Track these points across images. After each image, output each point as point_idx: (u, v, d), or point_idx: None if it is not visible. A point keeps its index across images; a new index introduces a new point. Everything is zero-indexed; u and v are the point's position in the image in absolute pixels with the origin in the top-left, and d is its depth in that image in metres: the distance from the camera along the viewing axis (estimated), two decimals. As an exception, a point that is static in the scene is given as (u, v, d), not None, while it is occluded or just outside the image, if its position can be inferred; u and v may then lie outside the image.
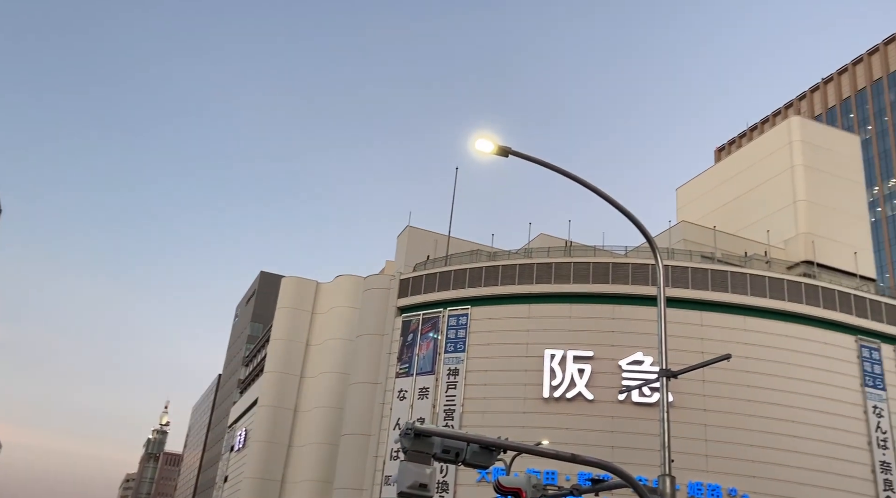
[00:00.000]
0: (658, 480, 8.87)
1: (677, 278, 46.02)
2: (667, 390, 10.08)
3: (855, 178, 61.94)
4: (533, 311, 46.88)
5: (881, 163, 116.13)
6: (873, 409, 45.09)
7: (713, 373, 42.82)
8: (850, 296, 47.93)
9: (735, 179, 65.07)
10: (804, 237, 55.76)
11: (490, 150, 12.08)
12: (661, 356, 10.33)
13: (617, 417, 42.59)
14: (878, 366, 46.51)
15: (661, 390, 10.18)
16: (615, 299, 45.97)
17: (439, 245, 55.24)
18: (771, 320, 45.72)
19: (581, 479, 38.25)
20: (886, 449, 44.23)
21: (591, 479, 9.51)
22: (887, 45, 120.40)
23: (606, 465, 8.82)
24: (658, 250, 11.32)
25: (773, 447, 42.34)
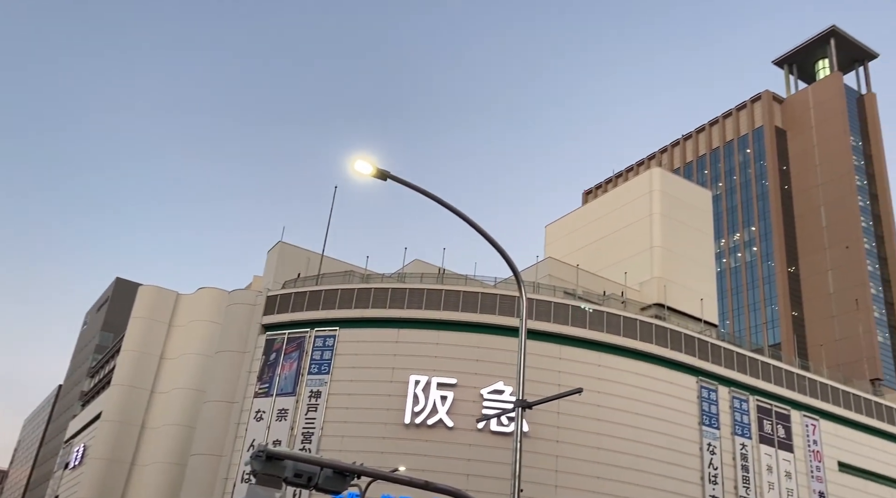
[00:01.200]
0: (506, 509, 9.08)
1: (541, 312, 47.69)
2: (521, 420, 10.38)
3: (705, 230, 67.05)
4: (402, 336, 46.96)
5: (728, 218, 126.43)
6: (708, 446, 48.44)
7: (567, 405, 44.53)
8: (695, 339, 51.51)
9: (599, 222, 68.70)
10: (657, 281, 59.54)
11: (369, 173, 12.12)
12: (518, 387, 10.65)
13: (475, 446, 43.24)
14: (715, 406, 50.15)
15: (516, 420, 10.47)
16: (482, 329, 46.93)
17: (312, 263, 54.35)
18: (623, 357, 48.23)
19: (435, 506, 38.45)
20: (716, 484, 47.55)
21: (443, 506, 9.58)
22: (739, 110, 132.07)
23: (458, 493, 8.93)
24: (523, 284, 11.72)
25: (616, 480, 44.40)
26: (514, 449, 9.96)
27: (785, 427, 52.54)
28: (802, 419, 53.34)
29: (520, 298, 11.46)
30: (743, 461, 49.46)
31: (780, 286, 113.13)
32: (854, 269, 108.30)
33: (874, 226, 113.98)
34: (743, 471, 49.15)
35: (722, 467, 48.30)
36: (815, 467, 52.27)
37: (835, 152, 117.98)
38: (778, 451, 51.39)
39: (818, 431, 53.63)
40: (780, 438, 51.99)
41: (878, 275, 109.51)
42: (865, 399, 57.46)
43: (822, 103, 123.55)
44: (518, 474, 9.66)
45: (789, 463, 51.34)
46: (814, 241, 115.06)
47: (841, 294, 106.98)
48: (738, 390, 51.53)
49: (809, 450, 52.72)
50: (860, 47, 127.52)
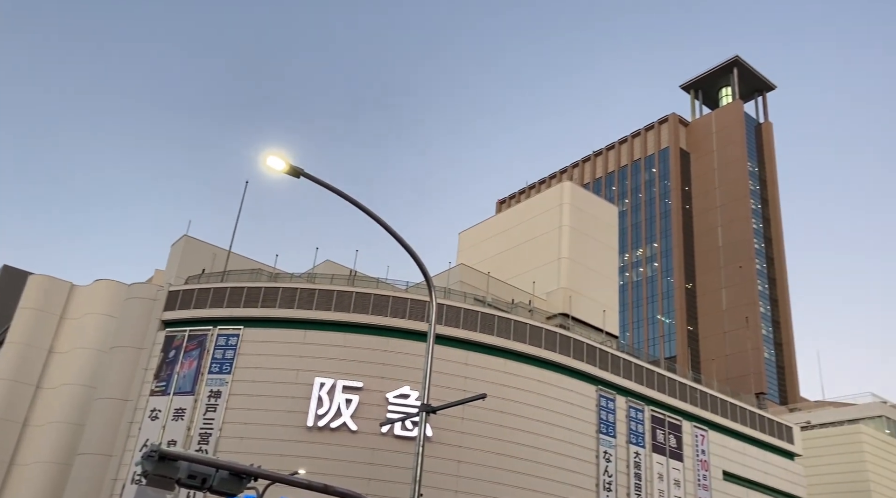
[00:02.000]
0: (405, 513, 9.08)
1: (450, 318, 48.03)
2: (425, 425, 10.41)
3: (611, 244, 69.40)
4: (308, 337, 46.24)
5: (633, 233, 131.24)
6: (604, 454, 50.00)
7: (472, 411, 45.01)
8: (596, 349, 53.13)
9: (511, 231, 69.99)
10: (564, 291, 61.14)
11: (281, 169, 11.89)
12: (423, 391, 10.68)
13: (378, 450, 43.04)
14: (612, 415, 51.84)
15: (419, 425, 10.49)
16: (391, 332, 46.80)
17: (218, 260, 52.77)
18: (528, 365, 49.18)
19: (334, 510, 37.99)
20: (610, 491, 49.14)
21: (341, 510, 9.47)
22: (647, 131, 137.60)
23: (356, 496, 8.86)
24: (434, 288, 11.78)
25: (517, 485, 45.17)
26: (417, 453, 9.98)
27: (676, 437, 54.89)
28: (693, 429, 55.87)
29: (430, 302, 11.51)
30: (636, 469, 51.30)
31: (678, 301, 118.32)
32: (746, 288, 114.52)
33: (766, 248, 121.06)
34: (636, 478, 50.98)
35: (616, 475, 49.94)
36: (702, 476, 54.83)
37: (733, 176, 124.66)
38: (669, 459, 53.61)
39: (706, 441, 56.30)
40: (672, 447, 54.26)
41: (767, 294, 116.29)
42: (751, 412, 60.78)
43: (723, 129, 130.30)
44: (419, 479, 9.68)
45: (679, 471, 53.64)
46: (710, 259, 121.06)
47: (733, 311, 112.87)
48: (634, 400, 53.47)
49: (698, 459, 55.26)
50: (760, 78, 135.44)
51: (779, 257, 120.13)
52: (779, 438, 61.09)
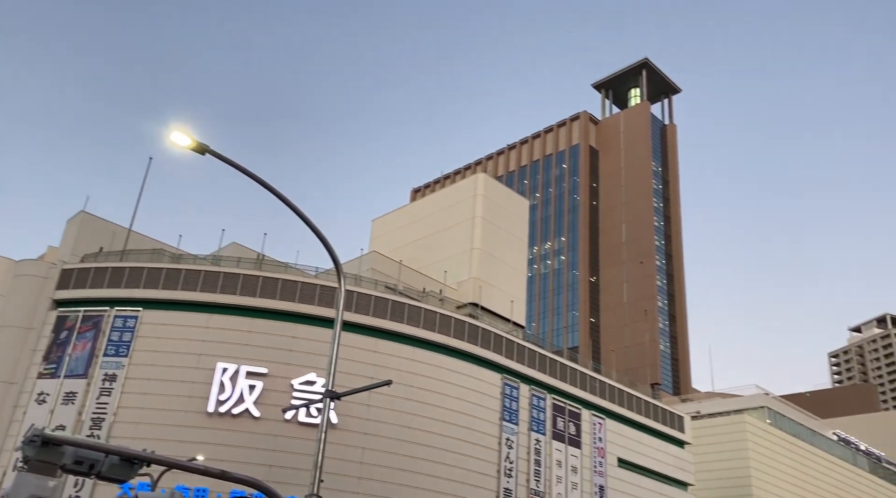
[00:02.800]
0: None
1: (361, 305, 47.76)
2: (328, 411, 10.32)
3: (521, 237, 70.72)
4: (212, 321, 44.93)
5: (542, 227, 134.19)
6: (506, 441, 51.10)
7: (378, 398, 45.00)
8: (503, 338, 54.11)
9: (425, 220, 70.20)
10: (474, 281, 61.91)
11: (186, 145, 11.45)
12: (329, 378, 10.58)
13: (281, 436, 42.39)
14: (516, 403, 53.02)
15: (322, 411, 10.39)
16: (299, 318, 46.09)
17: (117, 238, 50.41)
18: (436, 353, 49.58)
19: (233, 497, 37.18)
20: (511, 477, 50.30)
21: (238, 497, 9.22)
22: (560, 127, 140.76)
23: (255, 482, 8.70)
24: (343, 274, 11.67)
25: (420, 472, 45.55)
26: (319, 439, 9.89)
27: (576, 425, 56.71)
28: (591, 418, 57.86)
29: (339, 288, 11.40)
30: (536, 456, 52.72)
31: (582, 294, 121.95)
32: (645, 283, 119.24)
33: (665, 245, 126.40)
34: (535, 465, 52.39)
35: (517, 461, 51.15)
36: (598, 463, 56.92)
37: (638, 175, 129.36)
38: (568, 446, 55.35)
39: (604, 429, 58.44)
40: (571, 434, 56.04)
41: (665, 289, 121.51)
42: (646, 401, 63.48)
43: (631, 129, 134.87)
44: (320, 465, 9.60)
45: (577, 458, 55.48)
46: (614, 254, 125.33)
47: (633, 305, 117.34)
48: (537, 389, 54.83)
49: (595, 446, 57.31)
50: (667, 81, 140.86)
51: (677, 254, 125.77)
52: (671, 426, 64.12)
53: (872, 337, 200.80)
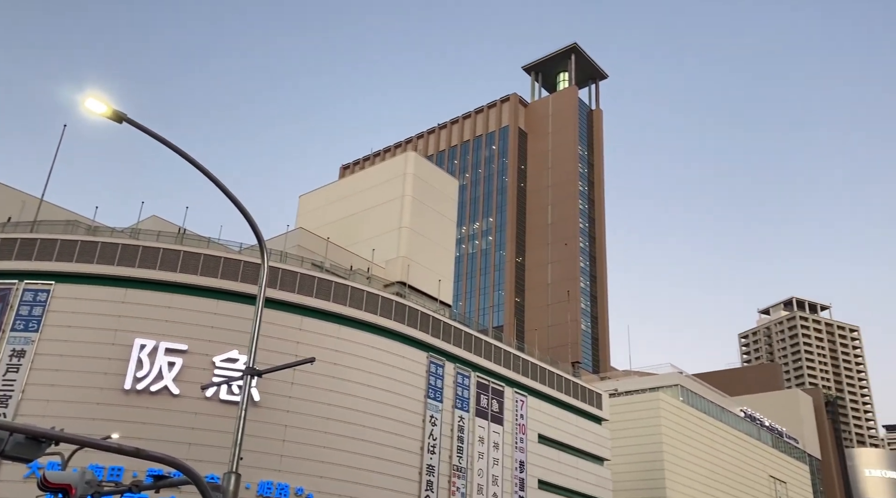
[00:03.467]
0: (222, 477, 8.89)
1: (286, 282, 47.09)
2: (249, 389, 10.21)
3: (450, 216, 71.05)
4: (129, 296, 43.46)
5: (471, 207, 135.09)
6: (430, 418, 51.63)
7: (302, 376, 44.66)
8: (430, 317, 54.45)
9: (354, 197, 69.58)
10: (402, 260, 61.92)
11: (102, 113, 10.97)
12: (250, 355, 10.45)
13: (202, 414, 41.59)
14: (441, 380, 53.58)
15: (244, 388, 10.27)
16: (221, 295, 45.11)
17: (28, 208, 48.01)
18: (362, 331, 49.47)
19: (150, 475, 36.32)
20: (434, 454, 50.94)
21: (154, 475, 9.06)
22: (490, 108, 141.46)
23: (171, 460, 8.55)
24: (266, 249, 11.49)
25: (343, 449, 45.56)
26: (239, 417, 9.78)
27: (499, 402, 57.81)
28: (514, 395, 59.05)
29: (262, 263, 11.23)
30: (459, 433, 53.51)
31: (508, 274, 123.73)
32: (569, 264, 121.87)
33: (589, 228, 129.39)
34: (458, 442, 53.20)
35: (441, 438, 51.80)
36: (519, 439, 58.26)
37: (564, 158, 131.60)
38: (490, 423, 56.41)
39: (525, 406, 59.78)
40: (494, 411, 57.11)
41: (587, 271, 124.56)
42: (566, 379, 65.22)
43: (559, 112, 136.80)
44: (240, 442, 9.51)
45: (499, 435, 56.62)
46: (540, 236, 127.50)
47: (557, 286, 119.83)
48: (462, 367, 55.55)
49: (517, 423, 58.59)
50: (595, 66, 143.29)
51: (600, 237, 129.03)
52: (590, 403, 66.15)
53: (779, 319, 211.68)
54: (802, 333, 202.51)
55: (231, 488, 8.67)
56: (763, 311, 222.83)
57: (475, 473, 53.65)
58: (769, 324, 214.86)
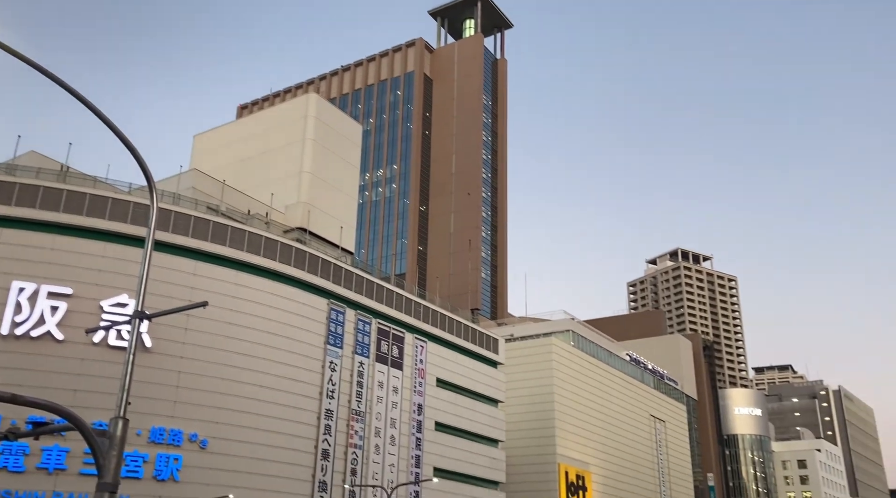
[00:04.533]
0: (109, 423, 8.64)
1: (179, 225, 45.37)
2: (138, 333, 9.88)
3: (353, 162, 70.02)
4: (6, 236, 40.73)
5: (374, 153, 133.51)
6: (330, 364, 51.76)
7: (197, 322, 43.55)
8: (331, 264, 54.02)
9: (252, 139, 67.22)
10: (303, 205, 60.75)
11: (-31, 36, 9.98)
12: (138, 297, 10.08)
13: (89, 360, 39.97)
14: (341, 327, 53.62)
15: (132, 332, 9.93)
16: (110, 237, 42.99)
17: None
18: (261, 277, 48.55)
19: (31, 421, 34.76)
20: (333, 398, 51.27)
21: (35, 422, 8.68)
22: (395, 52, 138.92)
23: (51, 405, 8.21)
24: (156, 189, 10.99)
25: (239, 395, 45.08)
26: (127, 361, 9.48)
27: (399, 347, 58.57)
28: (414, 341, 59.96)
29: (151, 203, 10.75)
30: (359, 378, 54.00)
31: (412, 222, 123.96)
32: (471, 213, 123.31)
33: (492, 177, 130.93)
34: (358, 387, 53.72)
35: (340, 383, 52.11)
36: (418, 383, 59.45)
37: (469, 107, 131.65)
38: (390, 369, 57.18)
39: (425, 351, 60.89)
40: (394, 357, 57.87)
41: (489, 220, 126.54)
42: (465, 325, 66.73)
43: (464, 60, 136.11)
44: (127, 387, 9.24)
45: (398, 379, 57.54)
46: (443, 185, 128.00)
47: (459, 234, 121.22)
48: (363, 313, 55.72)
49: (416, 368, 59.67)
50: (501, 15, 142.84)
51: (501, 187, 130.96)
52: (487, 348, 68.11)
53: (665, 269, 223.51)
54: (685, 283, 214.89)
55: (118, 434, 8.44)
56: (651, 261, 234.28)
57: (373, 416, 54.47)
58: (656, 273, 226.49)
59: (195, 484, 40.85)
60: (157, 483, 40.41)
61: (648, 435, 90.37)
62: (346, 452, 51.16)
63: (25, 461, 37.27)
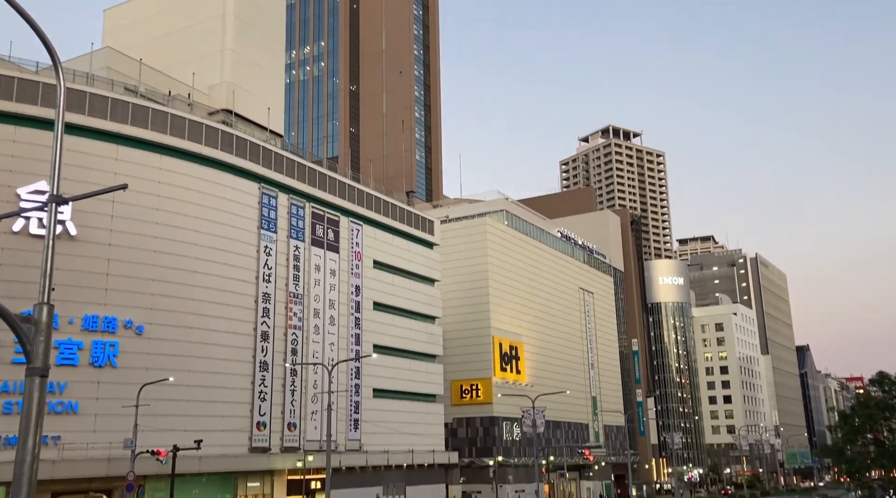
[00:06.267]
0: (33, 308, 8.56)
1: (95, 107, 43.10)
2: (55, 218, 9.62)
3: (277, 39, 66.76)
4: None
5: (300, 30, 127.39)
6: (265, 248, 51.59)
7: (124, 209, 42.40)
8: (260, 147, 52.64)
9: (169, 14, 62.96)
10: (227, 86, 58.19)
11: None
12: (52, 180, 9.74)
13: (11, 250, 38.74)
14: (274, 211, 53.07)
15: (49, 217, 9.67)
16: (20, 121, 40.62)
17: None
18: (187, 162, 47.10)
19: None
20: (269, 282, 51.52)
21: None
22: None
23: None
24: (61, 65, 10.35)
25: (174, 281, 44.81)
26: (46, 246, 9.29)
27: (334, 231, 58.62)
28: (349, 224, 60.03)
29: (57, 80, 10.16)
30: (295, 262, 54.18)
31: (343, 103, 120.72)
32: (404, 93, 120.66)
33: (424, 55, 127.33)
34: (294, 270, 53.99)
35: (276, 267, 52.24)
36: (355, 266, 60.10)
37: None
38: (326, 252, 57.45)
39: (361, 234, 61.17)
40: (329, 240, 58.01)
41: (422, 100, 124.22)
42: (400, 208, 66.97)
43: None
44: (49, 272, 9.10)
45: (335, 262, 58.01)
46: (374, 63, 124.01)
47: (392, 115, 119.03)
48: (296, 197, 55.12)
49: (352, 251, 60.11)
50: None
51: (434, 66, 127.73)
52: (422, 230, 68.88)
53: (596, 146, 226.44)
54: (616, 159, 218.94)
55: (44, 319, 8.39)
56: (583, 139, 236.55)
57: (311, 298, 55.20)
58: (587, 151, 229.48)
59: (134, 369, 41.19)
60: (95, 369, 40.56)
61: (577, 307, 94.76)
62: (285, 333, 52.08)
63: (-46, 353, 36.71)
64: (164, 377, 40.65)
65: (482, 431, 73.83)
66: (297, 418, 51.92)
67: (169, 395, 41.59)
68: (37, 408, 8.14)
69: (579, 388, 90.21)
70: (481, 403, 73.89)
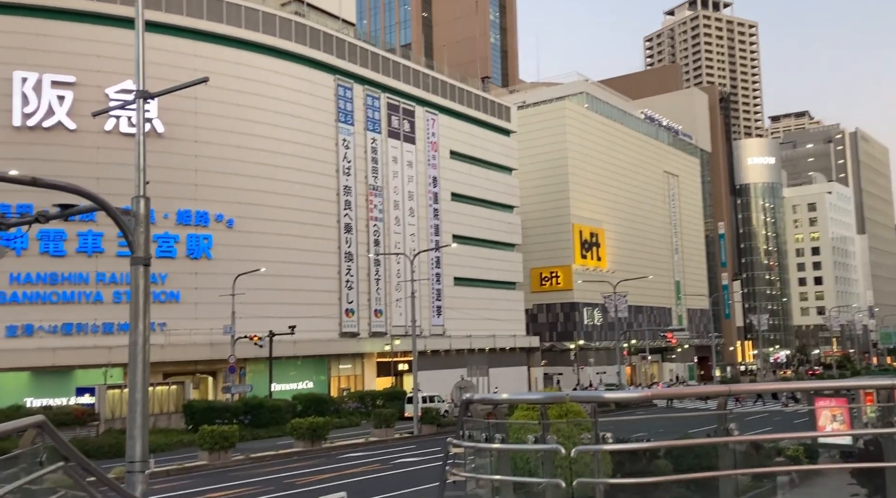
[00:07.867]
0: (131, 202, 8.93)
1: (172, 4, 43.26)
2: (144, 112, 9.84)
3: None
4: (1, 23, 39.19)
5: None
6: (343, 141, 51.96)
7: (205, 105, 43.24)
8: (333, 38, 51.97)
9: None
10: (296, -26, 56.90)
11: None
12: (138, 76, 9.89)
13: (104, 148, 40.46)
14: (350, 104, 52.98)
15: (137, 112, 9.89)
16: (105, 20, 41.27)
17: None
18: (262, 55, 47.18)
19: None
20: (349, 175, 52.21)
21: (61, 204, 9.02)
22: None
23: (73, 188, 8.44)
24: (135, -39, 10.26)
25: (258, 176, 46.02)
26: (137, 141, 9.56)
27: (410, 122, 58.25)
28: (425, 114, 59.44)
29: (132, -24, 10.11)
30: (373, 154, 54.50)
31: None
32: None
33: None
34: (373, 162, 54.42)
35: (355, 160, 52.77)
36: (431, 156, 59.96)
37: None
38: (403, 143, 57.41)
39: (436, 124, 60.59)
40: (406, 131, 57.81)
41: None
42: (476, 95, 65.57)
43: None
44: (143, 166, 9.42)
45: (411, 154, 58.02)
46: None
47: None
48: (371, 88, 54.71)
49: (429, 141, 59.83)
50: None
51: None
52: (499, 117, 67.54)
53: (683, 19, 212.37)
54: (704, 33, 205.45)
55: (142, 212, 8.76)
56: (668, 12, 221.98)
57: (391, 190, 55.82)
58: (673, 25, 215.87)
59: (228, 261, 43.27)
60: (192, 261, 42.89)
61: (661, 190, 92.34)
62: (367, 225, 53.24)
63: (65, 246, 39.38)
64: (256, 268, 42.65)
65: (563, 316, 74.84)
66: (382, 305, 53.89)
67: (262, 284, 43.70)
68: (143, 294, 8.66)
69: (662, 273, 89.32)
70: (561, 290, 74.47)
